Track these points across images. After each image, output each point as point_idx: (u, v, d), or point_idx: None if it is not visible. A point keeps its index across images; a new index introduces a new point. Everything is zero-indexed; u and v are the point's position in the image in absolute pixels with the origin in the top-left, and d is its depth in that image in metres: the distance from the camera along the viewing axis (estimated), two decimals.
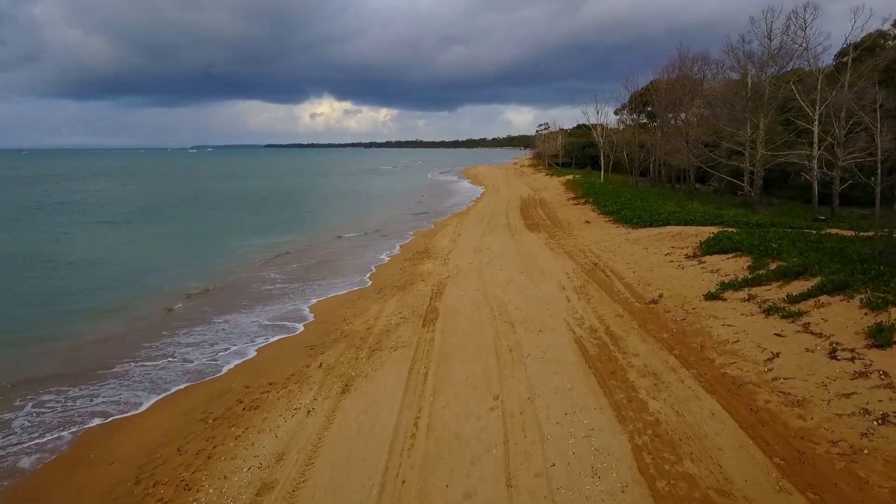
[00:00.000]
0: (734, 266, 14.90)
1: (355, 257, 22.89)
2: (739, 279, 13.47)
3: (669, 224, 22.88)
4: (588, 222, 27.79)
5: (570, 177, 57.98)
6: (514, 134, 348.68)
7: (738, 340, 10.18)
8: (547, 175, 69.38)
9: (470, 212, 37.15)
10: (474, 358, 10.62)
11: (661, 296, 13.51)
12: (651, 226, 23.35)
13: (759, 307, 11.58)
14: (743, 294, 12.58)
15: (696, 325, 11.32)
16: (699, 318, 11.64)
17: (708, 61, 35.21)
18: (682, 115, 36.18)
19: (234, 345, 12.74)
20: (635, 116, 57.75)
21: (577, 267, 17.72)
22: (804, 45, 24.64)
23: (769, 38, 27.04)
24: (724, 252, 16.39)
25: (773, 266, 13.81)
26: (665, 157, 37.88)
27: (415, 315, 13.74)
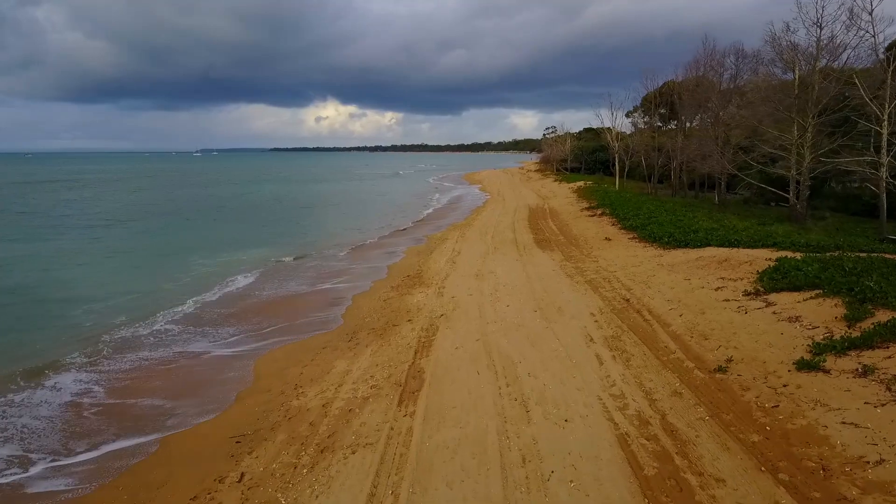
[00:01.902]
0: (820, 312, 11.16)
1: (331, 283, 19.24)
2: (837, 337, 9.74)
3: (710, 245, 19.14)
4: (608, 239, 24.07)
5: (581, 183, 54.35)
6: (520, 138, 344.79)
7: (882, 460, 6.45)
8: (555, 181, 65.73)
9: (472, 223, 33.50)
10: (469, 474, 6.98)
11: (729, 360, 9.80)
12: (687, 246, 19.61)
13: (889, 390, 7.86)
14: (851, 362, 8.85)
15: (799, 421, 7.59)
16: (800, 407, 7.92)
17: (743, 55, 31.42)
18: (712, 115, 32.38)
19: (128, 435, 8.99)
20: (648, 119, 53.92)
21: (605, 304, 14.04)
22: (871, 31, 20.80)
23: (819, 27, 23.32)
24: (797, 289, 12.66)
25: (882, 317, 10.07)
26: (692, 164, 34.04)
27: (391, 382, 10.11)
